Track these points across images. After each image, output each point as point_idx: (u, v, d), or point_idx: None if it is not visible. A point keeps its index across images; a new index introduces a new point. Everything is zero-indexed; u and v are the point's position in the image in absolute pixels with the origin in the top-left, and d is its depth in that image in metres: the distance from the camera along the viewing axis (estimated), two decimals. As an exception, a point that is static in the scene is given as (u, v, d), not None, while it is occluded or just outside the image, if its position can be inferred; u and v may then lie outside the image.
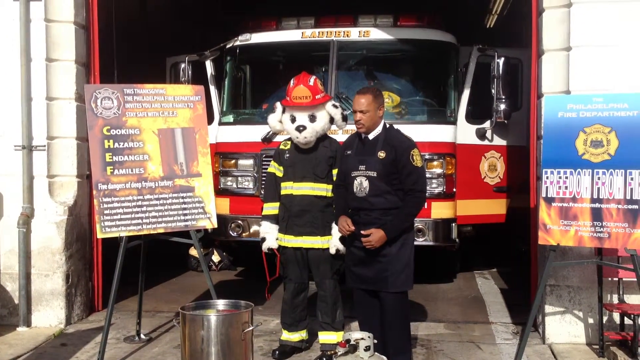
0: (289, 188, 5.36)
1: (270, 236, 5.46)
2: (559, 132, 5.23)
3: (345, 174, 4.87)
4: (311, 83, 5.32)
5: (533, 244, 6.13)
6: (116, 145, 5.55)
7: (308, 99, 5.25)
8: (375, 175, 4.65)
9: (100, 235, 5.49)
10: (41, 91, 6.37)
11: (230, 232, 7.70)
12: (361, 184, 4.68)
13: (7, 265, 6.37)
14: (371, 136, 4.79)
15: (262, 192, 7.45)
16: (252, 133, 7.67)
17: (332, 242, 5.24)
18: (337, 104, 5.49)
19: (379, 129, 4.81)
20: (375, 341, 4.24)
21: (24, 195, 6.32)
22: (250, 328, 4.09)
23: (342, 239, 5.19)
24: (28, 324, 6.32)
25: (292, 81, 5.40)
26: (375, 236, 4.60)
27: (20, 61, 6.28)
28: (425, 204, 7.22)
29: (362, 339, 4.70)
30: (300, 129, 5.24)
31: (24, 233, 6.26)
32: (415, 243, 7.11)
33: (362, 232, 4.64)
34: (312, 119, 5.27)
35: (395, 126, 7.22)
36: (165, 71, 8.92)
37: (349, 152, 4.89)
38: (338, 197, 5.07)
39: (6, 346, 5.81)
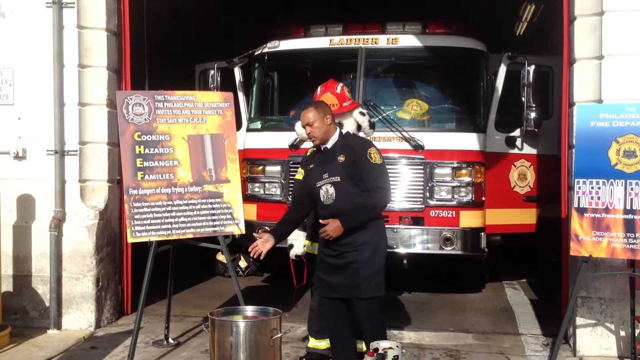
0: None
1: (298, 243, 5.46)
2: (591, 142, 5.17)
3: (310, 188, 4.83)
4: (338, 91, 5.32)
5: (564, 255, 6.06)
6: (147, 151, 5.61)
7: (335, 107, 5.24)
8: (339, 179, 4.65)
9: (130, 239, 5.55)
10: (73, 97, 6.46)
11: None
12: (327, 191, 4.67)
13: (38, 268, 6.46)
14: (329, 145, 4.80)
15: (289, 199, 7.53)
16: (279, 139, 7.70)
17: None
18: (365, 111, 5.47)
19: (335, 137, 4.81)
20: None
21: (56, 199, 6.41)
22: (279, 335, 4.09)
23: None
24: (58, 326, 6.39)
25: (319, 88, 5.41)
26: (330, 225, 4.56)
27: (53, 67, 6.38)
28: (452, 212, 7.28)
29: (391, 348, 4.68)
30: None
31: (55, 236, 6.34)
32: (443, 252, 7.22)
33: (320, 221, 4.62)
34: (339, 126, 5.26)
35: (423, 134, 7.34)
36: (194, 78, 9.00)
37: (311, 166, 4.89)
38: (286, 213, 5.11)
39: (37, 348, 5.88)
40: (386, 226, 7.00)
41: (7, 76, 6.48)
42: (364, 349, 5.19)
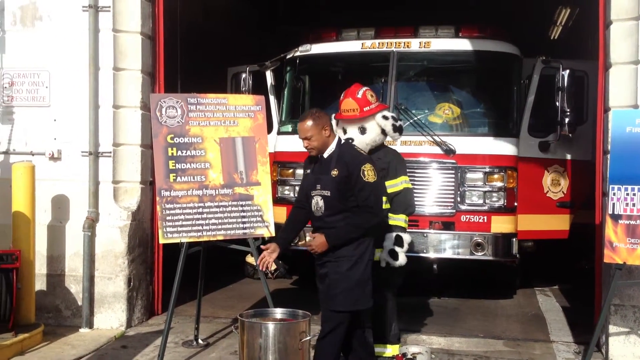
0: None
1: None
2: (626, 148, 5.09)
3: (306, 193, 4.75)
4: (359, 95, 5.28)
5: (597, 262, 5.96)
6: (179, 153, 5.67)
7: (355, 112, 5.24)
8: (329, 194, 4.54)
9: (162, 240, 5.61)
10: (108, 99, 6.56)
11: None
12: (317, 203, 4.59)
13: (71, 267, 6.56)
14: (326, 154, 4.67)
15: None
16: (310, 143, 7.70)
17: (382, 255, 5.20)
18: (389, 114, 5.38)
19: (332, 147, 4.66)
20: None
21: (90, 200, 6.51)
22: (308, 338, 4.09)
23: (393, 252, 5.16)
24: (90, 325, 6.49)
25: (343, 94, 5.39)
26: (316, 241, 4.49)
27: (88, 70, 6.48)
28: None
29: (420, 353, 4.67)
30: (350, 141, 5.19)
31: (88, 237, 6.44)
32: (474, 257, 7.15)
33: (307, 234, 4.51)
34: (362, 131, 5.24)
35: (455, 138, 7.29)
36: (226, 81, 9.07)
37: (308, 171, 4.81)
38: (290, 213, 4.98)
39: (69, 347, 5.98)
40: (416, 230, 7.07)
41: (43, 78, 6.61)
42: (389, 354, 5.20)
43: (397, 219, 5.27)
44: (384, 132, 5.31)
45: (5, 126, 6.64)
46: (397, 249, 5.20)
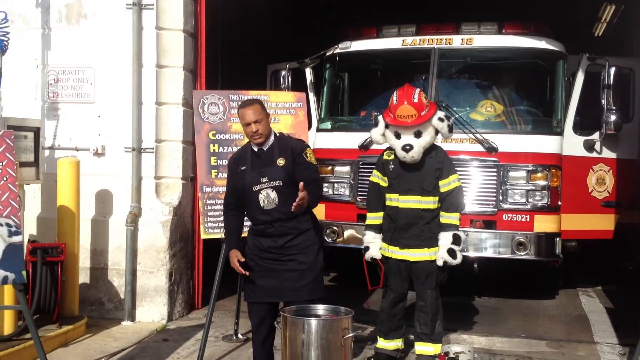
0: (395, 200, 5.27)
1: (374, 246, 5.39)
2: (676, 146, 4.96)
3: (244, 190, 4.55)
4: (415, 100, 5.11)
5: (644, 263, 5.83)
6: (221, 149, 5.71)
7: (413, 118, 5.08)
8: (280, 184, 4.47)
9: (203, 235, 5.66)
10: (151, 96, 6.64)
11: (325, 238, 7.72)
12: (268, 196, 4.48)
13: (114, 261, 6.66)
14: (265, 147, 4.58)
15: (358, 199, 7.51)
16: (349, 140, 7.68)
17: (440, 254, 5.13)
18: (443, 115, 5.27)
19: (271, 139, 4.60)
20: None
21: (133, 195, 6.59)
22: (351, 334, 4.07)
23: (451, 251, 5.10)
24: (132, 318, 6.57)
25: (394, 96, 5.21)
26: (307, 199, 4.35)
27: (132, 67, 6.57)
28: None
29: (463, 352, 4.62)
30: (407, 148, 5.10)
31: (131, 231, 6.53)
32: (516, 257, 7.05)
33: (300, 189, 4.28)
34: (418, 134, 5.12)
35: (497, 136, 7.19)
36: (266, 78, 9.10)
37: (243, 167, 4.61)
38: (228, 220, 4.74)
39: (111, 339, 6.07)
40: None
41: (88, 75, 6.72)
42: (431, 352, 5.15)
43: (452, 218, 5.19)
44: (436, 132, 5.23)
45: (51, 122, 6.76)
46: (455, 247, 5.12)
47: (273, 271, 4.55)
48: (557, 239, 7.12)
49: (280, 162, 4.51)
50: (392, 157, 5.32)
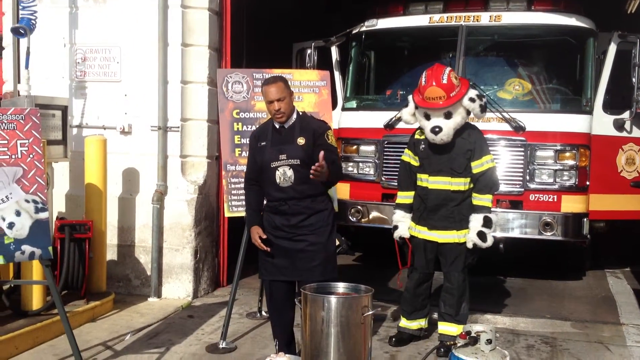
0: (425, 181, 5.23)
1: (403, 225, 5.37)
2: None
3: (262, 166, 4.58)
4: (444, 81, 4.99)
5: (673, 244, 5.72)
6: (244, 128, 5.73)
7: (442, 99, 5.00)
8: (298, 162, 4.46)
9: (227, 214, 5.70)
10: (176, 75, 6.67)
11: (350, 217, 7.72)
12: (284, 173, 4.48)
13: (141, 238, 6.76)
14: (287, 125, 4.57)
15: (383, 179, 7.49)
16: (374, 119, 7.64)
17: (470, 236, 5.08)
18: (475, 95, 5.12)
19: (293, 117, 4.59)
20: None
21: (159, 173, 6.66)
22: (370, 312, 4.08)
23: (481, 234, 5.04)
24: (158, 295, 6.68)
25: (423, 77, 5.11)
26: (327, 170, 4.32)
27: (158, 46, 6.60)
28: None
29: (484, 331, 4.58)
30: (436, 130, 5.03)
31: (157, 209, 6.60)
32: (542, 237, 6.97)
33: (320, 158, 4.26)
34: (448, 115, 5.04)
35: (525, 115, 7.09)
36: (291, 56, 9.06)
37: (263, 143, 4.62)
38: (250, 196, 4.75)
39: (138, 315, 6.17)
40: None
41: (114, 54, 6.77)
42: (454, 333, 5.13)
43: (484, 200, 5.12)
44: (468, 112, 5.14)
45: (78, 100, 6.84)
46: (486, 230, 5.07)
47: (286, 250, 4.57)
48: (585, 219, 7.03)
49: (301, 141, 4.52)
50: (423, 136, 5.25)
